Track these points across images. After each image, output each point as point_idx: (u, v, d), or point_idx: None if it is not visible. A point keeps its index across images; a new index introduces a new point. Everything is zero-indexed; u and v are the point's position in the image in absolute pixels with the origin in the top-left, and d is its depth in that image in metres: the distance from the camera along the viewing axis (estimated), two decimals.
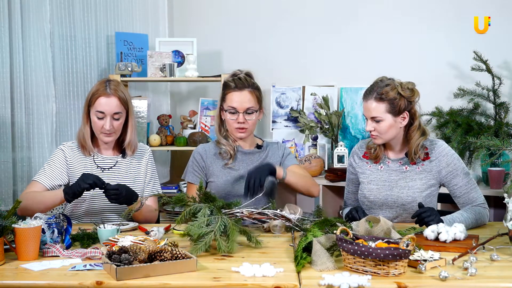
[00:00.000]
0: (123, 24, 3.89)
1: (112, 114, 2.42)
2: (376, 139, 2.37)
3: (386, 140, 2.38)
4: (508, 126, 3.36)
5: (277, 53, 4.00)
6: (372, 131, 2.35)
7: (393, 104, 2.30)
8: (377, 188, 2.42)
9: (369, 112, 2.33)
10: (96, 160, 2.52)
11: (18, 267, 1.79)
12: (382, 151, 2.46)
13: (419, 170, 2.39)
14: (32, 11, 3.30)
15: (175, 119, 4.03)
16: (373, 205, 2.44)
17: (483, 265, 1.76)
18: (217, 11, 4.15)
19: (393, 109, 2.30)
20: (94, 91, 2.44)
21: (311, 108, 3.83)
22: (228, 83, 2.52)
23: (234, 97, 2.48)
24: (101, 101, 2.41)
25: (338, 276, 1.61)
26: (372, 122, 2.34)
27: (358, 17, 3.84)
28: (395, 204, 2.39)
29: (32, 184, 2.44)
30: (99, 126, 2.43)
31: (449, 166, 2.36)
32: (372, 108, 2.32)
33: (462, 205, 2.36)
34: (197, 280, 1.66)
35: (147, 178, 2.58)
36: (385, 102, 2.30)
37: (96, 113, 2.41)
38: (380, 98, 2.30)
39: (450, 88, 3.53)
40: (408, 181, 2.39)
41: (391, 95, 2.29)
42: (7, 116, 3.16)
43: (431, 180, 2.38)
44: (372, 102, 2.32)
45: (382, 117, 2.31)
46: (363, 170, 2.49)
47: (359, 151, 2.54)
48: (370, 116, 2.34)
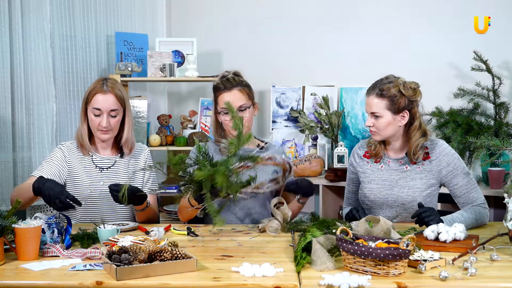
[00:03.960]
0: (123, 24, 3.89)
1: (108, 111, 2.43)
2: (375, 135, 2.39)
3: (384, 137, 2.39)
4: (508, 126, 3.35)
5: (277, 53, 3.99)
6: (371, 126, 2.38)
7: (393, 101, 2.32)
8: (378, 187, 2.43)
9: (370, 107, 2.36)
10: (95, 160, 2.52)
11: (18, 267, 1.79)
12: (382, 149, 2.47)
13: (420, 170, 2.39)
14: (33, 11, 3.30)
15: (175, 119, 4.03)
16: (373, 204, 2.44)
17: (483, 265, 1.76)
18: (217, 11, 4.15)
19: (393, 107, 2.32)
20: (91, 89, 2.46)
21: (311, 108, 3.83)
22: (218, 86, 2.51)
23: (224, 98, 2.47)
24: (98, 98, 2.42)
25: (338, 276, 1.61)
26: (372, 117, 2.37)
27: (358, 17, 3.84)
28: (395, 204, 2.40)
29: (29, 179, 2.44)
30: (96, 123, 2.44)
31: (450, 166, 2.36)
32: (373, 103, 2.34)
33: (462, 205, 2.37)
34: (197, 280, 1.66)
35: (145, 177, 2.59)
36: (385, 98, 2.32)
37: (93, 110, 2.43)
38: (381, 94, 2.32)
39: (450, 88, 3.53)
40: (408, 180, 2.39)
41: (392, 92, 2.31)
42: (8, 116, 3.17)
43: (432, 179, 2.38)
44: (373, 98, 2.34)
45: (381, 113, 2.33)
46: (363, 170, 2.50)
47: (359, 151, 2.55)
48: (370, 111, 2.37)
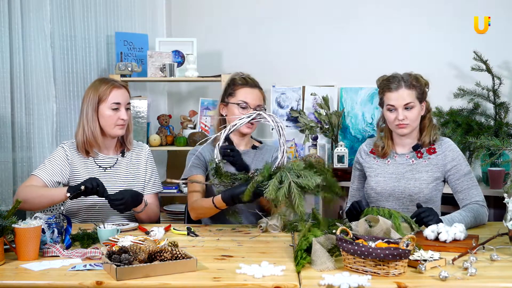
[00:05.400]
0: (123, 24, 3.89)
1: (125, 104, 2.48)
2: (406, 128, 2.41)
3: (413, 129, 2.44)
4: (508, 126, 3.36)
5: (277, 53, 3.99)
6: (403, 119, 2.39)
7: (421, 91, 2.42)
8: (384, 180, 2.47)
9: (403, 100, 2.38)
10: (97, 159, 2.52)
11: (18, 267, 1.79)
12: (390, 148, 2.51)
13: (426, 163, 2.44)
14: (32, 11, 3.29)
15: (175, 119, 4.03)
16: (380, 196, 2.47)
17: (483, 265, 1.76)
18: (217, 11, 4.15)
19: (420, 96, 2.42)
20: (102, 89, 2.45)
21: (311, 108, 3.83)
22: (239, 80, 2.54)
23: (247, 93, 2.50)
24: (116, 93, 2.46)
25: (338, 276, 1.61)
26: (404, 110, 2.39)
27: (358, 17, 3.85)
28: (402, 195, 2.43)
29: (31, 178, 2.44)
30: (115, 118, 2.45)
31: (454, 161, 2.42)
32: (406, 95, 2.39)
33: (462, 201, 2.39)
34: (197, 280, 1.66)
35: (147, 176, 2.59)
36: (415, 89, 2.40)
37: (111, 105, 2.44)
38: (411, 85, 2.40)
39: (450, 88, 3.53)
40: (415, 173, 2.44)
41: (419, 82, 2.42)
42: (7, 116, 3.16)
43: (437, 173, 2.43)
44: (404, 90, 2.39)
45: (415, 104, 2.40)
46: (370, 165, 2.54)
47: (366, 147, 2.60)
48: (403, 104, 2.38)
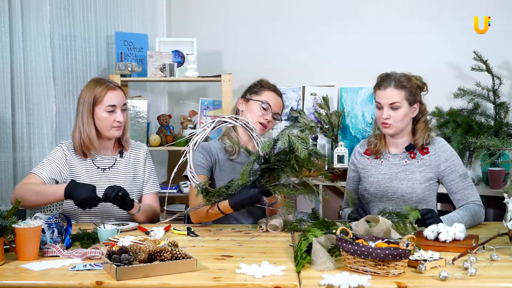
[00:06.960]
0: (123, 24, 3.89)
1: (121, 106, 2.47)
2: (389, 128, 2.40)
3: (397, 130, 2.41)
4: (508, 126, 3.36)
5: (277, 53, 3.99)
6: (387, 119, 2.38)
7: (411, 92, 2.38)
8: (377, 180, 2.47)
9: (389, 98, 2.37)
10: (95, 160, 2.52)
11: (18, 267, 1.79)
12: (383, 146, 2.50)
13: (419, 164, 2.44)
14: (32, 11, 3.30)
15: (175, 119, 4.03)
16: (373, 197, 2.48)
17: (483, 265, 1.76)
18: (217, 11, 4.15)
19: (410, 98, 2.38)
20: (97, 91, 2.44)
21: (311, 108, 3.83)
22: (267, 83, 2.64)
23: (272, 97, 2.60)
24: (111, 94, 2.45)
25: (338, 276, 1.61)
26: (389, 109, 2.38)
27: (358, 17, 3.84)
28: (395, 196, 2.43)
29: (29, 176, 2.43)
30: (111, 120, 2.44)
31: (448, 161, 2.41)
32: (393, 94, 2.37)
33: (457, 202, 2.39)
34: (197, 280, 1.66)
35: (145, 176, 2.59)
36: (404, 89, 2.37)
37: (107, 108, 2.43)
38: (400, 85, 2.37)
39: (450, 88, 3.53)
40: (407, 173, 2.43)
41: (411, 83, 2.38)
42: (8, 116, 3.16)
43: (430, 173, 2.42)
44: (392, 89, 2.37)
45: (401, 104, 2.36)
46: (364, 166, 2.54)
47: (360, 149, 2.60)
48: (388, 103, 2.37)
